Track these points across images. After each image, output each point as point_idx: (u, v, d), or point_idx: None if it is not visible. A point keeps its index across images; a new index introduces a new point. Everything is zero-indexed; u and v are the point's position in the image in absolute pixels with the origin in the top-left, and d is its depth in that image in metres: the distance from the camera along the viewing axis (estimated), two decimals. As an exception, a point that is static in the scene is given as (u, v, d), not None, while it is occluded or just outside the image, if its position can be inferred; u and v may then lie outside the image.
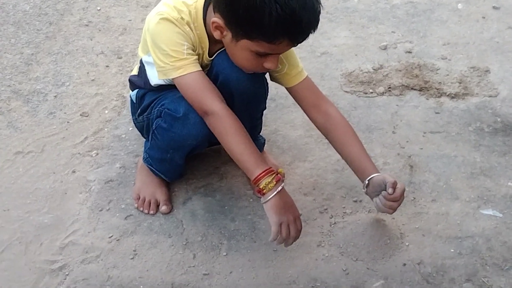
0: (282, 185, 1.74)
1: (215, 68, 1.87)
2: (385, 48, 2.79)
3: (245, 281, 1.85)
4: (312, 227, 2.00)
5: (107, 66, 2.71)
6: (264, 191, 1.72)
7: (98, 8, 3.11)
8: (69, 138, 2.33)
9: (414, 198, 2.09)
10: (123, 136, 2.33)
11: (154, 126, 1.98)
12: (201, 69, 1.81)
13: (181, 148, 1.96)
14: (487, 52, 2.77)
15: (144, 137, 2.14)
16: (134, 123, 2.16)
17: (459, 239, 1.95)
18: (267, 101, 2.05)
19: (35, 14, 3.04)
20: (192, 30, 1.81)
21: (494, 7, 3.06)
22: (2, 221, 2.02)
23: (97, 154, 2.26)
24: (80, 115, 2.43)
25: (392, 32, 2.91)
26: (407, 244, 1.94)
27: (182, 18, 1.79)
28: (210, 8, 1.78)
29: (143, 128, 2.09)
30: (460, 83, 2.57)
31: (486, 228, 1.99)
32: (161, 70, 1.81)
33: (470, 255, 1.91)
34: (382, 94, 2.53)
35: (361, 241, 1.94)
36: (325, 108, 1.97)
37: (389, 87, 2.55)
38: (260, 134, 2.17)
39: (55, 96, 2.52)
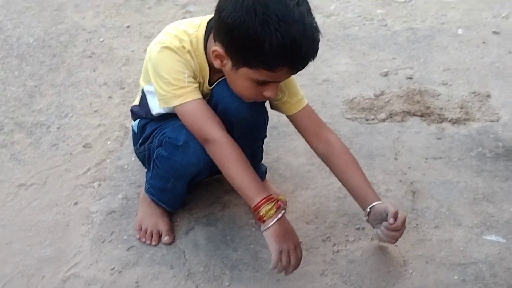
0: (282, 212, 1.73)
1: (215, 97, 1.87)
2: (386, 74, 2.80)
3: (247, 311, 1.85)
4: (315, 256, 2.00)
5: (110, 97, 2.73)
6: (264, 218, 1.71)
7: (101, 39, 3.14)
8: (72, 169, 2.34)
9: (417, 224, 2.09)
10: (126, 166, 2.34)
11: (155, 156, 1.98)
12: (201, 97, 1.82)
13: (182, 177, 1.96)
14: (487, 77, 2.77)
15: (146, 167, 2.15)
16: (136, 153, 2.17)
17: (462, 266, 1.94)
18: (269, 129, 2.05)
19: (39, 47, 3.07)
20: (193, 59, 1.82)
21: (494, 32, 3.07)
22: (4, 254, 2.02)
23: (100, 185, 2.27)
24: (83, 146, 2.44)
25: (393, 58, 2.93)
26: (410, 271, 1.93)
27: (183, 46, 1.80)
28: (211, 37, 1.79)
29: (145, 158, 2.10)
30: (461, 108, 2.57)
31: (490, 254, 1.98)
32: (162, 99, 1.82)
33: (474, 282, 1.89)
34: (384, 120, 2.53)
35: (364, 269, 1.93)
36: (326, 136, 1.97)
37: (391, 114, 2.56)
38: (262, 162, 2.18)
39: (58, 127, 2.54)
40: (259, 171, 2.11)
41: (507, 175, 2.26)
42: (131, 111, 2.14)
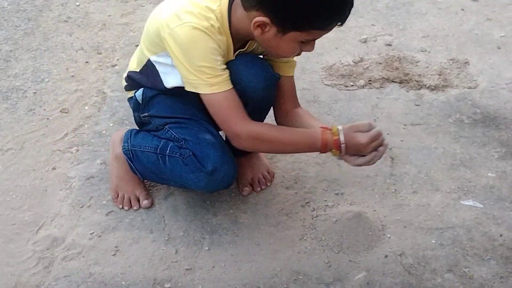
0: (338, 131, 1.76)
1: (232, 76, 1.82)
2: (365, 41, 2.80)
3: (227, 275, 1.85)
4: (294, 221, 2.00)
5: (86, 62, 2.69)
6: (334, 145, 1.76)
7: (77, 3, 3.09)
8: (49, 134, 2.31)
9: (395, 190, 2.10)
10: (104, 132, 2.32)
11: (169, 151, 1.91)
12: (232, 86, 1.79)
13: (184, 186, 1.99)
14: (466, 44, 2.78)
15: (139, 127, 2.08)
16: (134, 116, 2.08)
17: (440, 230, 1.97)
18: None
19: (14, 10, 3.02)
20: (222, 36, 1.78)
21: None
22: (-18, 219, 2.01)
23: (78, 150, 2.25)
24: (60, 111, 2.41)
25: (372, 25, 2.92)
26: (388, 236, 1.95)
27: (212, 25, 1.75)
28: (235, 8, 1.77)
29: (143, 125, 2.05)
30: (439, 75, 2.58)
31: (467, 218, 2.00)
32: (191, 83, 1.77)
33: (451, 245, 1.92)
34: (363, 87, 2.53)
35: (343, 234, 1.95)
36: (296, 108, 2.01)
37: (370, 80, 2.56)
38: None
39: (35, 92, 2.50)
40: None
41: (484, 141, 2.28)
42: (128, 76, 2.04)
